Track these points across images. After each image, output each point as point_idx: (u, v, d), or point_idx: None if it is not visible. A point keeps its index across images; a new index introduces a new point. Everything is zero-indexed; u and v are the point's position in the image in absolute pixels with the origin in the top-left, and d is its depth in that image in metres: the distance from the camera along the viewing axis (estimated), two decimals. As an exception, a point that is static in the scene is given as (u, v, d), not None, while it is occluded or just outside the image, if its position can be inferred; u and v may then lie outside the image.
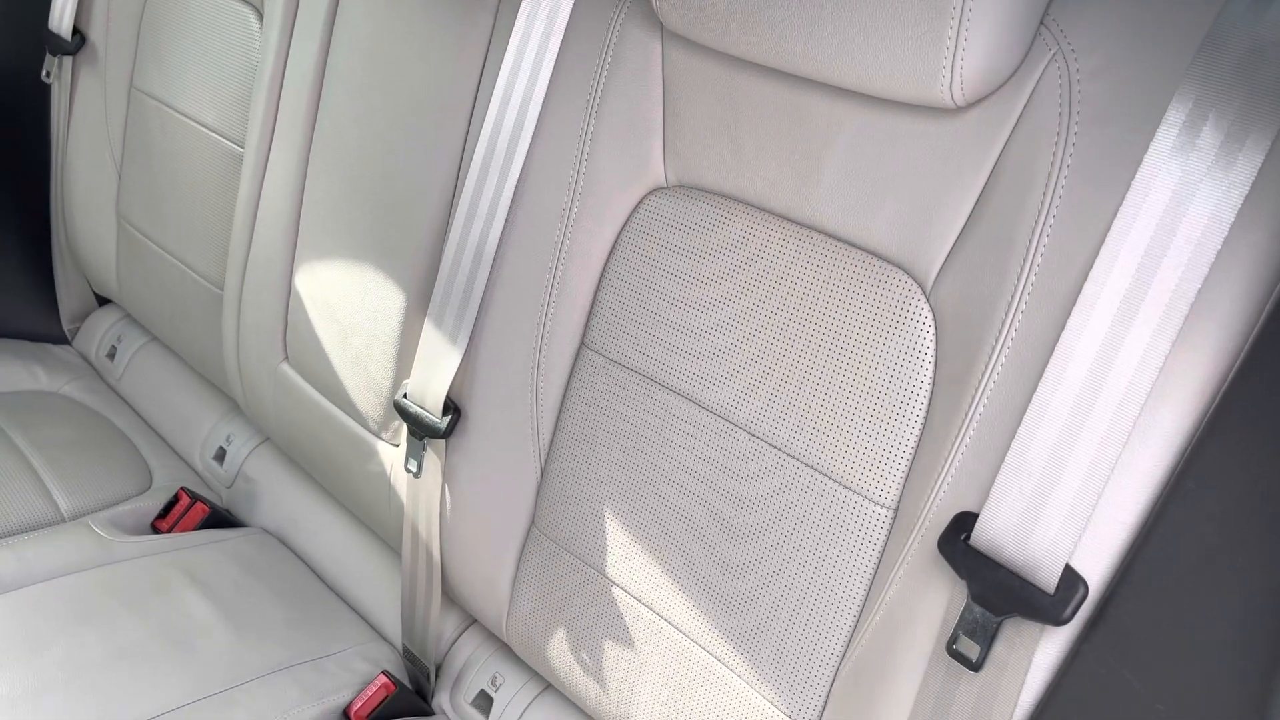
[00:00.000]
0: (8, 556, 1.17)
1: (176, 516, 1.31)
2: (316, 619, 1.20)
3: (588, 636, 0.96)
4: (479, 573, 1.05)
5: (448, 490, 1.05)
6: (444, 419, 1.01)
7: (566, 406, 0.97)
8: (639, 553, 0.91)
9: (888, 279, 0.76)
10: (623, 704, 0.93)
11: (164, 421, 1.52)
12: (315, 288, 1.20)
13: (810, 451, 0.79)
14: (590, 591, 0.95)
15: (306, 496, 1.34)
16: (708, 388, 0.86)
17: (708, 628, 0.86)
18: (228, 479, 1.42)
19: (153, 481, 1.40)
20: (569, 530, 0.97)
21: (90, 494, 1.32)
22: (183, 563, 1.21)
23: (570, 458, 0.96)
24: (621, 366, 0.92)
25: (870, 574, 0.76)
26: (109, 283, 1.62)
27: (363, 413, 1.15)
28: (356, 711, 1.07)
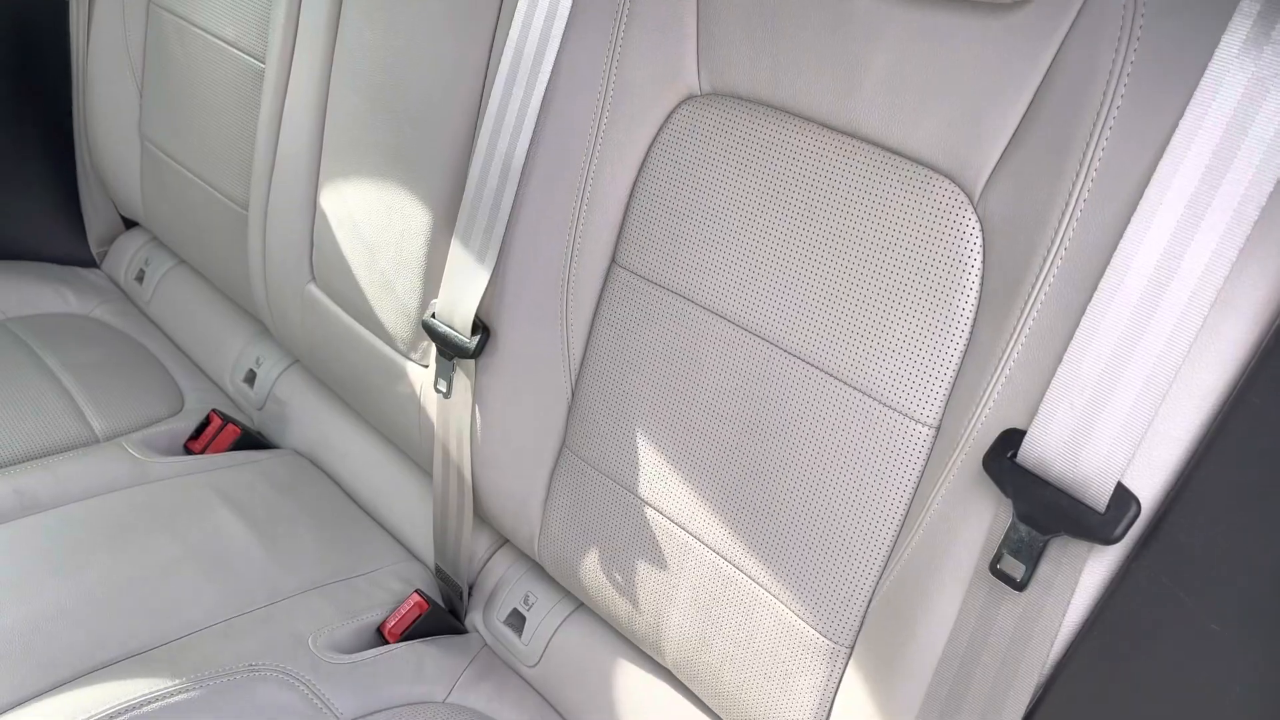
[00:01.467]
0: (44, 476, 1.18)
1: (209, 438, 1.32)
2: (349, 539, 1.20)
3: (619, 556, 0.95)
4: (510, 493, 1.04)
5: (478, 411, 1.03)
6: (473, 339, 1.00)
7: (597, 325, 0.95)
8: (671, 472, 0.90)
9: (933, 188, 0.72)
10: (655, 622, 0.93)
11: (194, 344, 1.52)
12: (340, 206, 1.18)
13: (849, 369, 0.77)
14: (622, 511, 0.94)
15: (337, 418, 1.34)
16: (742, 305, 0.83)
17: (741, 547, 0.85)
18: (258, 401, 1.42)
19: (184, 404, 1.40)
20: (600, 450, 0.95)
21: (123, 416, 1.33)
22: (216, 483, 1.22)
23: (601, 377, 0.95)
24: (653, 284, 0.90)
25: (910, 493, 0.74)
26: (134, 205, 1.61)
27: (391, 333, 1.14)
28: (390, 629, 1.08)
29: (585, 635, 1.06)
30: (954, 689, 0.69)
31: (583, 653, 1.05)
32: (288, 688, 0.98)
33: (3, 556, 1.04)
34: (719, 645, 0.87)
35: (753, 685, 0.85)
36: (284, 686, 0.98)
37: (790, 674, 0.83)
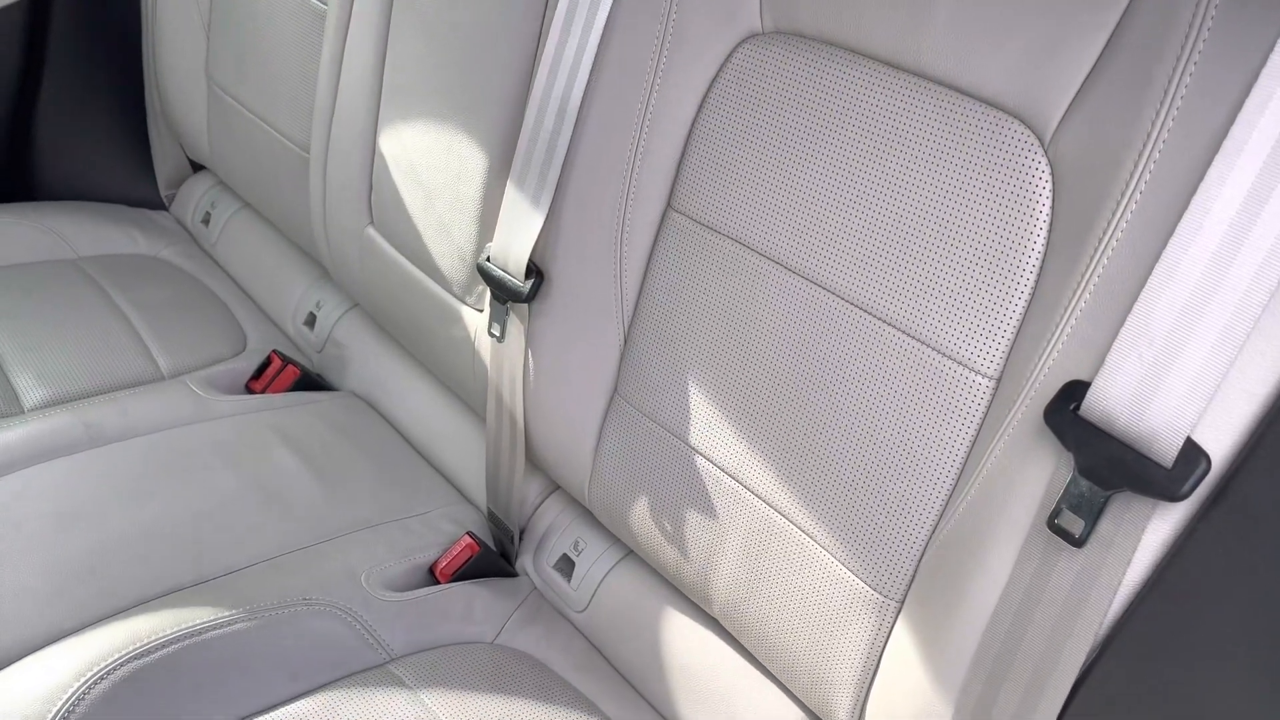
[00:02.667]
0: (111, 410, 1.21)
1: (269, 378, 1.34)
2: (403, 480, 1.22)
3: (669, 504, 0.94)
4: (562, 439, 1.04)
5: (530, 355, 1.03)
6: (526, 283, 0.99)
7: (651, 270, 0.93)
8: (722, 421, 0.89)
9: (1003, 130, 0.69)
10: (703, 572, 0.93)
11: (257, 287, 1.54)
12: (399, 149, 1.17)
13: (908, 318, 0.75)
14: (672, 459, 0.94)
15: (394, 361, 1.35)
16: (800, 251, 0.81)
17: (791, 498, 0.84)
18: (318, 344, 1.44)
19: (247, 344, 1.42)
20: (651, 397, 0.95)
21: (188, 354, 1.35)
22: (275, 422, 1.24)
23: (654, 323, 0.93)
24: (709, 229, 0.88)
25: (968, 446, 0.72)
26: (201, 148, 1.63)
27: (447, 277, 1.14)
28: (442, 569, 1.10)
29: (634, 582, 1.06)
30: (1005, 646, 0.68)
31: (631, 599, 1.05)
32: (340, 622, 1.00)
33: (71, 486, 1.08)
34: (767, 596, 0.87)
35: (800, 637, 0.84)
36: (336, 620, 1.00)
37: (838, 627, 0.81)
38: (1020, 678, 0.67)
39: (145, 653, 0.91)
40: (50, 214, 1.59)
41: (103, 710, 0.87)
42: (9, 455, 1.12)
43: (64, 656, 0.90)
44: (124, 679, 0.89)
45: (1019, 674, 0.67)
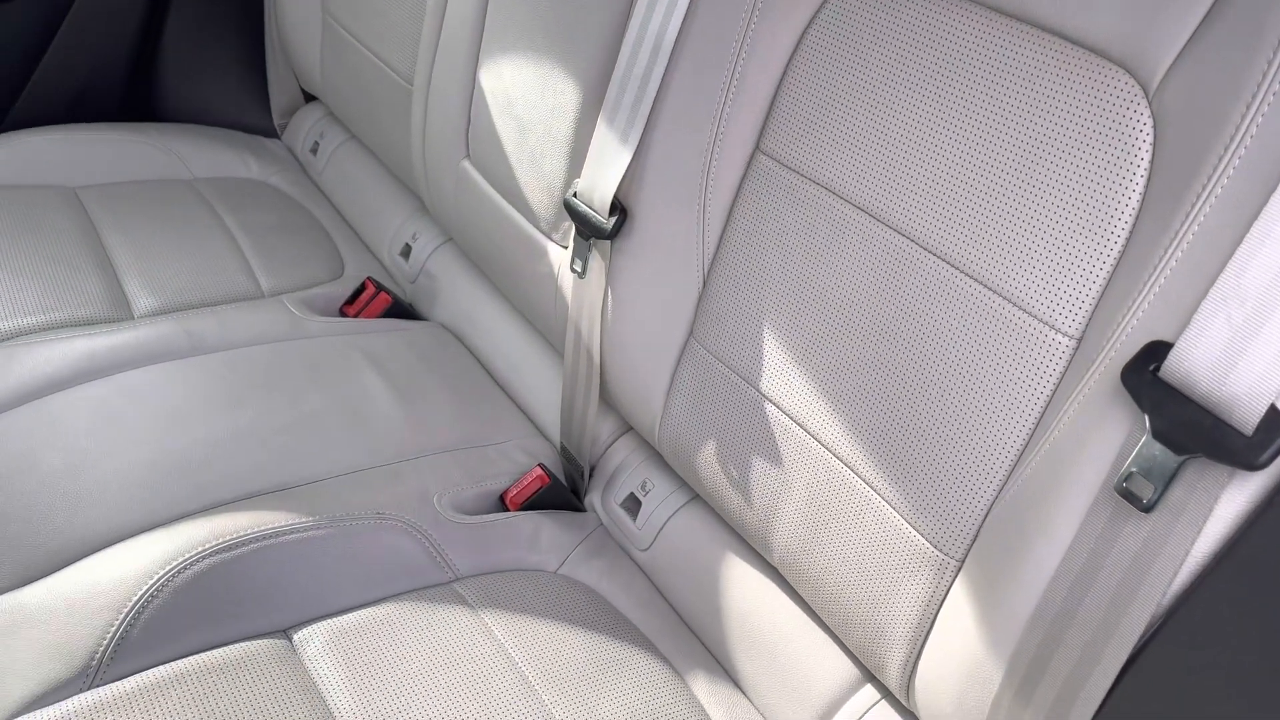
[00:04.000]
0: (212, 322, 1.26)
1: (362, 304, 1.38)
2: (482, 410, 1.24)
3: (736, 450, 0.94)
4: (635, 378, 1.05)
5: (610, 293, 1.04)
6: (610, 219, 1.00)
7: (735, 213, 0.93)
8: (795, 369, 0.88)
9: (1106, 80, 0.66)
10: (765, 519, 0.93)
11: (358, 216, 1.59)
12: (497, 82, 1.19)
13: (992, 273, 0.73)
14: (742, 405, 0.93)
15: (482, 296, 1.38)
16: (887, 199, 0.80)
17: (858, 450, 0.83)
18: (411, 274, 1.47)
19: (344, 270, 1.47)
20: (726, 342, 0.94)
21: (288, 276, 1.41)
22: (365, 346, 1.28)
23: (734, 267, 0.93)
24: (796, 174, 0.87)
25: (1042, 405, 0.70)
26: (314, 78, 1.67)
27: (535, 212, 1.15)
28: (512, 498, 1.12)
29: (697, 526, 1.07)
30: (1063, 611, 0.66)
31: (693, 542, 1.06)
32: (410, 538, 1.03)
33: (172, 389, 1.13)
34: (827, 547, 0.86)
35: (857, 591, 0.84)
36: (407, 536, 1.03)
37: (896, 583, 0.81)
38: (1075, 644, 0.65)
39: (227, 548, 0.96)
40: (171, 136, 1.66)
41: (183, 597, 0.92)
42: (117, 357, 1.18)
43: (152, 545, 0.95)
44: (205, 570, 0.94)
45: (1074, 640, 0.65)
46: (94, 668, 0.87)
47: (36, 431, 1.06)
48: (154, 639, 0.89)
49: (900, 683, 0.83)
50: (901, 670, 0.82)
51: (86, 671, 0.86)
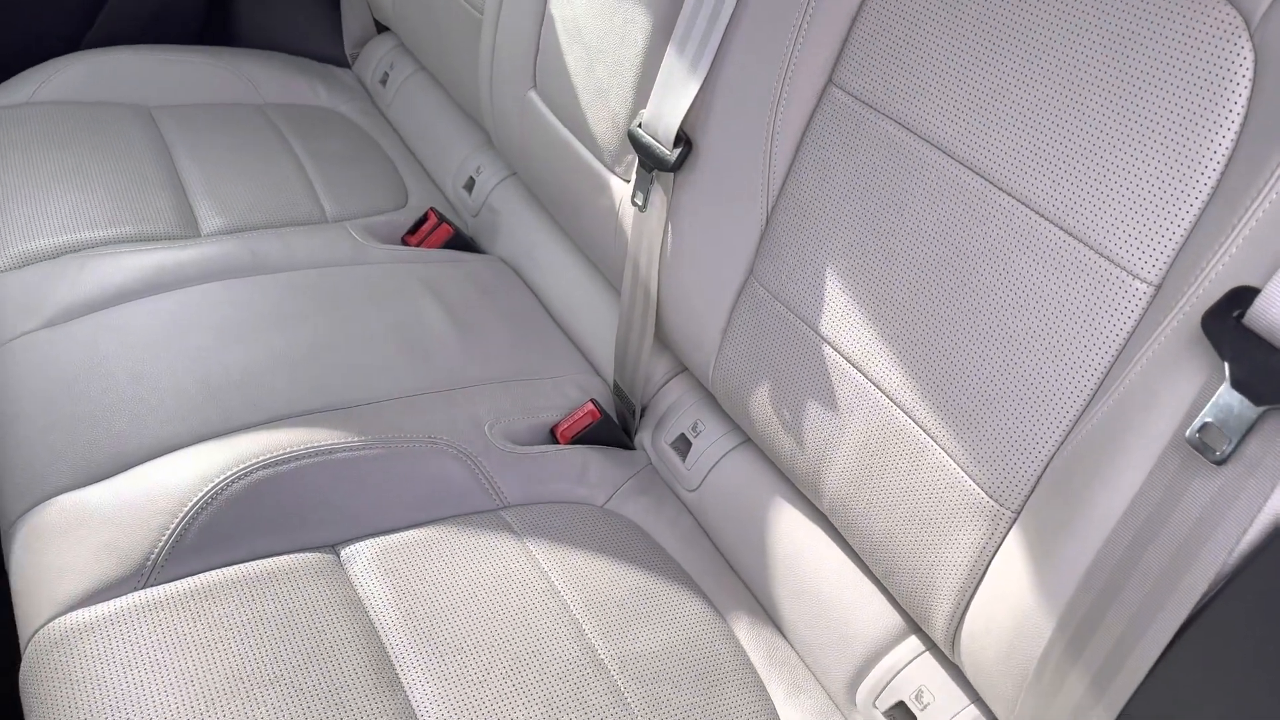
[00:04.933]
0: (276, 243, 1.28)
1: (424, 234, 1.38)
2: (537, 344, 1.24)
3: (791, 392, 0.93)
4: (691, 317, 1.03)
5: (670, 228, 1.02)
6: (674, 151, 0.98)
7: (803, 148, 0.90)
8: (856, 311, 0.86)
9: (1204, 10, 0.62)
10: (816, 464, 0.91)
11: (424, 148, 1.59)
12: (568, 9, 1.17)
13: (1071, 216, 0.70)
14: (799, 347, 0.91)
15: (543, 231, 1.37)
16: (964, 137, 0.76)
17: (917, 395, 0.80)
18: (474, 208, 1.47)
19: (408, 201, 1.47)
20: (786, 282, 0.92)
21: (352, 203, 1.41)
22: (425, 275, 1.28)
23: (798, 204, 0.91)
24: (870, 108, 0.84)
25: (1114, 353, 0.67)
26: (385, 8, 1.67)
27: (599, 143, 1.13)
28: (562, 431, 1.12)
29: (746, 469, 1.05)
30: (1121, 565, 0.64)
31: (741, 485, 1.05)
32: (460, 464, 1.04)
33: (235, 305, 1.15)
34: (878, 494, 0.84)
35: (906, 539, 0.82)
36: (457, 461, 1.04)
37: (948, 532, 0.79)
38: (1132, 600, 0.63)
39: (280, 462, 0.97)
40: (245, 61, 1.67)
41: (236, 506, 0.93)
42: (183, 272, 1.20)
43: (208, 455, 0.97)
44: (258, 482, 0.95)
45: (1132, 596, 0.63)
46: (148, 568, 0.89)
47: (104, 339, 1.08)
48: (206, 545, 0.91)
49: (946, 634, 0.81)
50: (948, 622, 0.80)
51: (141, 571, 0.89)
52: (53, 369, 1.05)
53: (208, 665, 0.82)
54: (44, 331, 1.10)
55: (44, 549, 0.91)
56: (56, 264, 1.19)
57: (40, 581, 0.89)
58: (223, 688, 0.80)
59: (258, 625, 0.85)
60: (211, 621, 0.85)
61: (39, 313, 1.12)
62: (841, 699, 0.91)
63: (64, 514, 0.93)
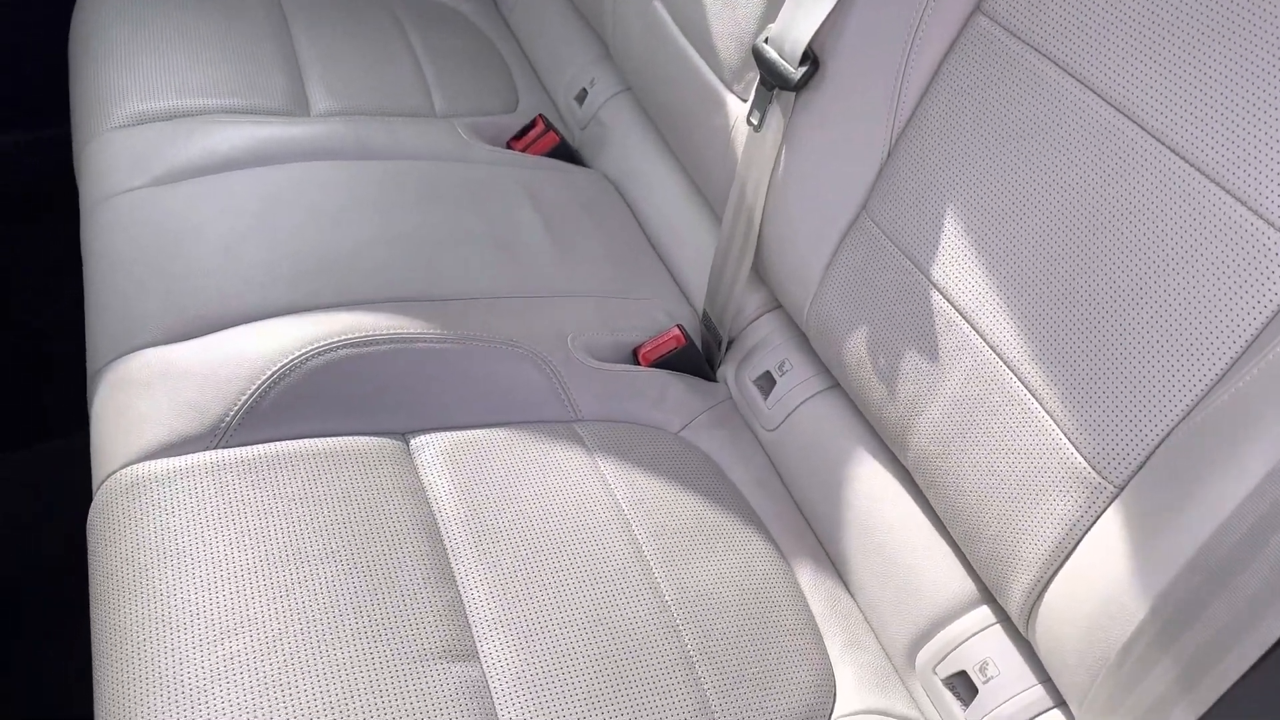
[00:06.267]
0: (383, 131, 1.26)
1: (530, 140, 1.35)
2: (630, 263, 1.21)
3: (890, 337, 0.88)
4: (794, 248, 0.99)
5: (784, 152, 0.97)
6: (799, 70, 0.92)
7: (939, 78, 0.84)
8: (973, 258, 0.80)
9: None
10: (906, 415, 0.86)
11: (540, 55, 1.55)
12: (705, -83, 1.11)
13: (1229, 171, 0.63)
14: (906, 290, 0.86)
15: (649, 152, 1.33)
16: (1121, 79, 0.70)
17: (1027, 353, 0.75)
18: (583, 121, 1.44)
19: (518, 105, 1.44)
20: (901, 220, 0.87)
21: (462, 100, 1.39)
22: (525, 180, 1.25)
23: (926, 138, 0.85)
24: (1018, 40, 0.78)
25: (1260, 325, 0.61)
26: (517, -92, 1.63)
27: (720, 59, 1.08)
28: (645, 353, 1.09)
29: (829, 415, 1.01)
30: (1235, 554, 0.58)
31: (823, 430, 1.01)
32: (539, 370, 1.02)
33: (336, 186, 1.14)
34: (968, 453, 0.80)
35: (993, 504, 0.77)
36: (536, 368, 1.02)
37: (1040, 500, 0.74)
38: (1241, 594, 0.58)
39: (362, 343, 0.96)
40: (373, -49, 1.65)
41: (314, 381, 0.93)
42: (289, 149, 1.19)
43: (292, 327, 0.97)
44: (338, 360, 0.95)
45: (1241, 589, 0.58)
46: (222, 430, 0.89)
47: (206, 203, 1.09)
48: (280, 415, 0.91)
49: (1022, 608, 0.76)
50: (1026, 595, 0.75)
51: (215, 432, 0.89)
52: (153, 227, 1.06)
53: (267, 531, 0.82)
54: (149, 190, 1.11)
55: (125, 399, 0.92)
56: (169, 126, 1.20)
57: (118, 429, 0.90)
58: (278, 554, 0.80)
59: (321, 499, 0.85)
60: (276, 489, 0.85)
61: (147, 171, 1.13)
62: (900, 660, 0.88)
63: (148, 368, 0.94)
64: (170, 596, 0.77)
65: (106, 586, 0.80)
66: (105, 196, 1.11)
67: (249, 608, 0.77)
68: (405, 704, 0.74)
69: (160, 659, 0.73)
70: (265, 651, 0.74)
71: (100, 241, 1.07)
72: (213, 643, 0.74)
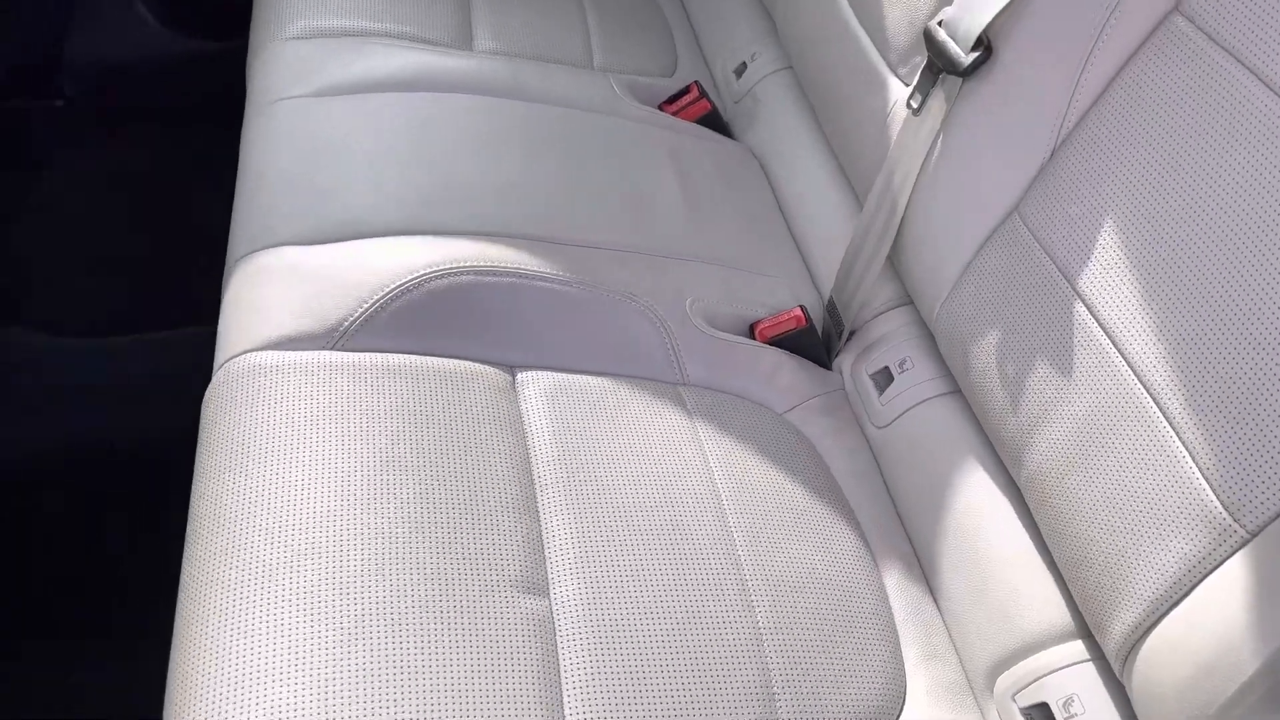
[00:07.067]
0: (539, 75, 1.27)
1: (682, 105, 1.34)
2: (763, 239, 1.19)
3: (1022, 346, 0.83)
4: (935, 242, 0.95)
5: (940, 139, 0.93)
6: (970, 55, 0.88)
7: (1121, 79, 0.79)
8: (1129, 271, 0.75)
9: None
10: (1028, 429, 0.82)
11: (706, 24, 1.54)
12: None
13: None
14: (1048, 298, 0.82)
15: (800, 133, 1.30)
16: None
17: (1172, 376, 0.70)
18: (738, 94, 1.42)
19: (675, 70, 1.43)
20: (1054, 225, 0.82)
21: (621, 57, 1.39)
22: (671, 143, 1.24)
23: (1097, 141, 0.80)
24: (1216, 45, 0.72)
25: None
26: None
27: (888, 39, 1.05)
28: (762, 329, 1.07)
29: (944, 420, 0.97)
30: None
31: (934, 435, 0.96)
32: (653, 328, 1.01)
33: (484, 119, 1.15)
34: (1091, 475, 0.75)
35: (1110, 530, 0.72)
36: (651, 325, 1.01)
37: (1160, 536, 0.69)
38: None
39: (486, 272, 0.97)
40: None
41: (434, 301, 0.95)
42: (446, 79, 1.21)
43: (421, 247, 0.98)
44: (460, 285, 0.96)
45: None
46: (339, 333, 0.91)
47: (357, 120, 1.12)
48: (397, 328, 0.93)
49: (1121, 646, 0.71)
50: (1129, 633, 0.70)
51: (333, 334, 0.91)
52: (307, 135, 1.10)
53: (367, 435, 0.83)
54: (309, 100, 1.14)
55: (256, 290, 0.95)
56: (337, 42, 1.23)
57: (244, 317, 0.93)
58: (374, 459, 0.82)
59: (422, 414, 0.86)
60: (382, 398, 0.87)
61: (309, 82, 1.17)
62: (979, 681, 0.83)
63: (282, 264, 0.97)
64: (268, 480, 0.79)
65: (211, 462, 0.83)
66: (268, 102, 1.15)
67: (338, 504, 0.78)
68: (470, 624, 0.74)
69: (248, 535, 0.76)
70: (344, 549, 0.75)
71: (258, 142, 1.11)
72: (298, 530, 0.76)
